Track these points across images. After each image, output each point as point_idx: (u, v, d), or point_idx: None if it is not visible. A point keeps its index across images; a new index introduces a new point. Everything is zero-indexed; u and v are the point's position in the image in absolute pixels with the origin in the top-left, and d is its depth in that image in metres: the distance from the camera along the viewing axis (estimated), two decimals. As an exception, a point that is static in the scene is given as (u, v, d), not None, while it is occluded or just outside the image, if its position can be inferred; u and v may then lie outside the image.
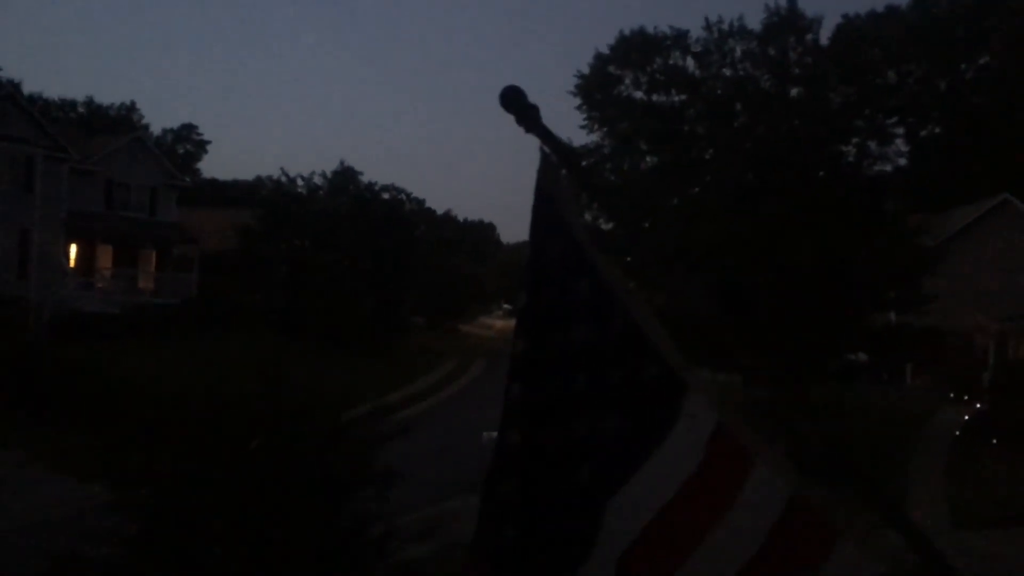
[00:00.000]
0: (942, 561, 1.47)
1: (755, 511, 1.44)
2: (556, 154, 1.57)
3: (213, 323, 36.17)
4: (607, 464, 1.53)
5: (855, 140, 55.71)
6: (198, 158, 69.54)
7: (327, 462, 8.59)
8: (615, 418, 1.57)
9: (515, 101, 1.59)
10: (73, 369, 26.24)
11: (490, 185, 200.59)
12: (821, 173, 27.49)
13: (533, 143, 1.62)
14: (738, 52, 60.13)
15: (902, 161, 58.38)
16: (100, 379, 24.92)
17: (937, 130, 58.99)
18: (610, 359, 1.58)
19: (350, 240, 44.22)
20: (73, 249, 38.51)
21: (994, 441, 21.81)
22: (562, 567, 1.49)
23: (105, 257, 40.28)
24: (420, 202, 59.03)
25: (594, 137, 57.95)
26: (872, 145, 57.72)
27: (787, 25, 59.37)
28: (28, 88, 62.19)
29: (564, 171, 1.59)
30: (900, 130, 59.48)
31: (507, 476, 1.53)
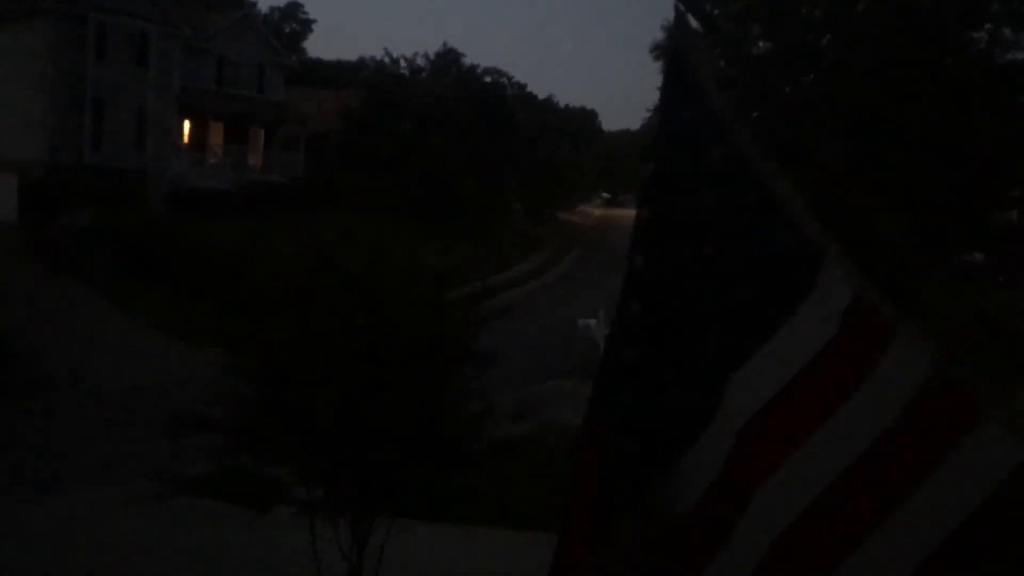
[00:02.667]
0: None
1: (889, 388, 1.39)
2: (697, 17, 1.50)
3: (319, 202, 36.98)
4: (733, 336, 1.50)
5: (987, 26, 51.95)
6: (303, 37, 69.76)
7: (429, 338, 8.79)
8: (744, 289, 1.53)
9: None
10: (188, 241, 27.35)
11: (593, 72, 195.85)
12: (948, 60, 25.82)
13: (638, 30, 1.54)
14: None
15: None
16: (213, 252, 25.92)
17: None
18: (741, 229, 1.53)
19: (451, 123, 44.12)
20: (186, 126, 39.56)
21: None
22: (680, 435, 1.49)
23: (216, 134, 41.28)
24: (522, 87, 58.16)
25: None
26: (1007, 31, 53.77)
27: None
28: (141, -36, 62.74)
29: (703, 36, 1.53)
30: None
31: (628, 343, 1.51)
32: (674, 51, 1.58)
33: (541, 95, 63.64)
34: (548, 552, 1.70)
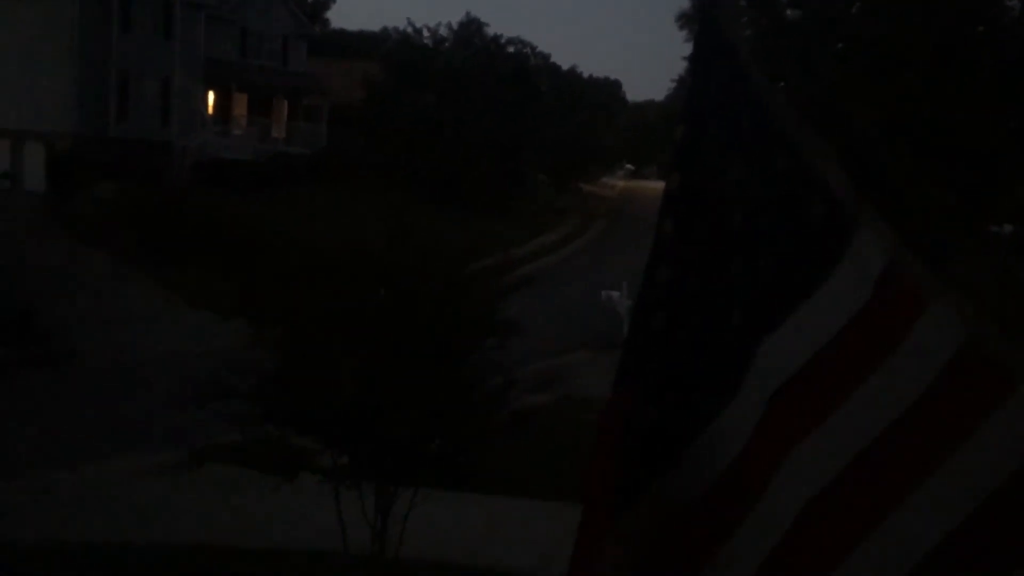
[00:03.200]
0: None
1: (922, 356, 1.37)
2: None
3: (341, 174, 37.04)
4: (762, 305, 1.48)
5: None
6: (326, 7, 69.54)
7: (451, 312, 8.81)
8: (774, 257, 1.51)
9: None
10: (213, 213, 27.51)
11: (617, 42, 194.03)
12: (980, 28, 25.36)
13: (662, 2, 1.52)
14: None
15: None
16: (238, 224, 26.07)
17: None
18: (773, 194, 1.51)
19: (475, 95, 43.93)
20: (210, 97, 39.65)
21: None
22: (707, 404, 1.48)
23: (240, 105, 41.36)
24: (545, 57, 57.74)
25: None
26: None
27: None
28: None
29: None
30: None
31: (655, 310, 1.50)
32: (705, 13, 1.55)
33: (565, 65, 63.18)
34: (571, 522, 1.70)
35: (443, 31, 51.51)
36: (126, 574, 10.04)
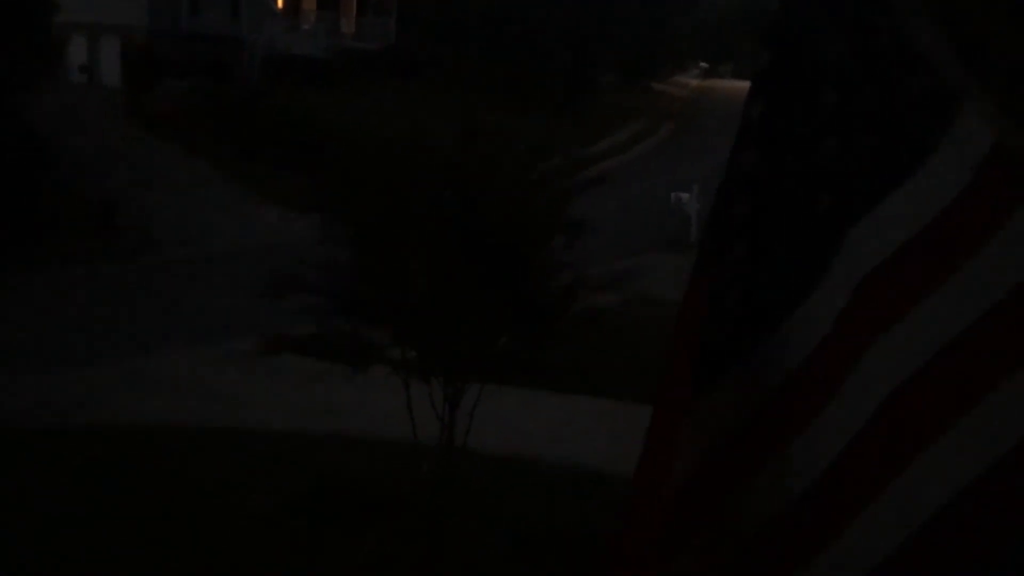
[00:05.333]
0: None
1: (1022, 245, 1.32)
2: None
3: (411, 71, 36.71)
4: (854, 188, 1.43)
5: None
6: None
7: (519, 211, 8.81)
8: (871, 137, 1.44)
9: None
10: (284, 109, 27.64)
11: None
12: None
13: None
14: None
15: None
16: (308, 121, 26.17)
17: None
18: (871, 72, 1.44)
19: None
20: (279, -9, 39.35)
21: None
22: (791, 291, 1.45)
23: (309, 0, 40.99)
24: (619, -51, 55.66)
25: None
26: None
27: None
28: None
29: None
30: None
31: (740, 194, 1.46)
32: None
33: (639, -42, 60.87)
34: (637, 420, 1.71)
35: (514, -79, 49.93)
36: (204, 457, 10.56)
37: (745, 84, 1.92)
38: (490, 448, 9.69)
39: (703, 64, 75.01)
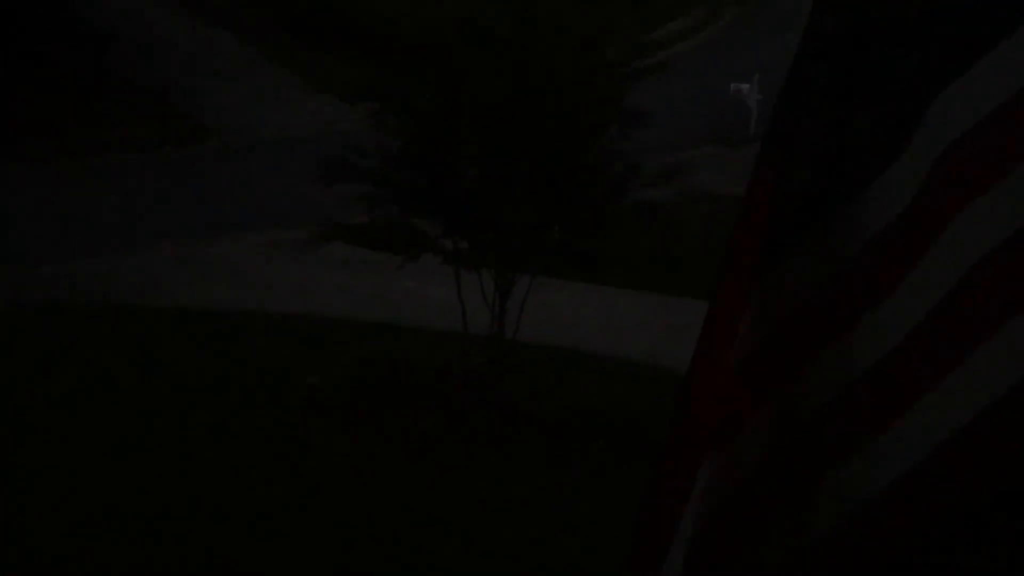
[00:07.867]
0: None
1: None
2: None
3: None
4: (939, 56, 1.33)
5: None
6: None
7: (575, 98, 8.62)
8: (956, 4, 1.33)
9: None
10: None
11: None
12: None
13: None
14: None
15: None
16: (361, 8, 25.72)
17: None
18: None
19: None
20: None
21: None
22: (869, 163, 1.36)
23: None
24: None
25: None
26: None
27: None
28: None
29: None
30: None
31: (818, 62, 1.36)
32: None
33: None
34: (685, 315, 1.64)
35: None
36: (257, 341, 10.80)
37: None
38: (539, 339, 9.74)
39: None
